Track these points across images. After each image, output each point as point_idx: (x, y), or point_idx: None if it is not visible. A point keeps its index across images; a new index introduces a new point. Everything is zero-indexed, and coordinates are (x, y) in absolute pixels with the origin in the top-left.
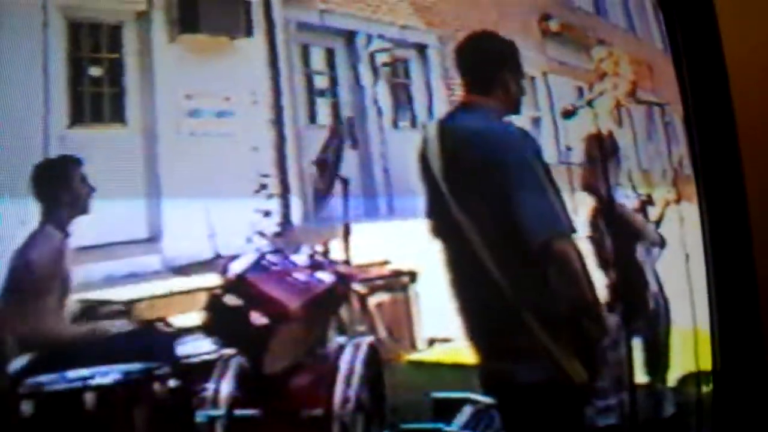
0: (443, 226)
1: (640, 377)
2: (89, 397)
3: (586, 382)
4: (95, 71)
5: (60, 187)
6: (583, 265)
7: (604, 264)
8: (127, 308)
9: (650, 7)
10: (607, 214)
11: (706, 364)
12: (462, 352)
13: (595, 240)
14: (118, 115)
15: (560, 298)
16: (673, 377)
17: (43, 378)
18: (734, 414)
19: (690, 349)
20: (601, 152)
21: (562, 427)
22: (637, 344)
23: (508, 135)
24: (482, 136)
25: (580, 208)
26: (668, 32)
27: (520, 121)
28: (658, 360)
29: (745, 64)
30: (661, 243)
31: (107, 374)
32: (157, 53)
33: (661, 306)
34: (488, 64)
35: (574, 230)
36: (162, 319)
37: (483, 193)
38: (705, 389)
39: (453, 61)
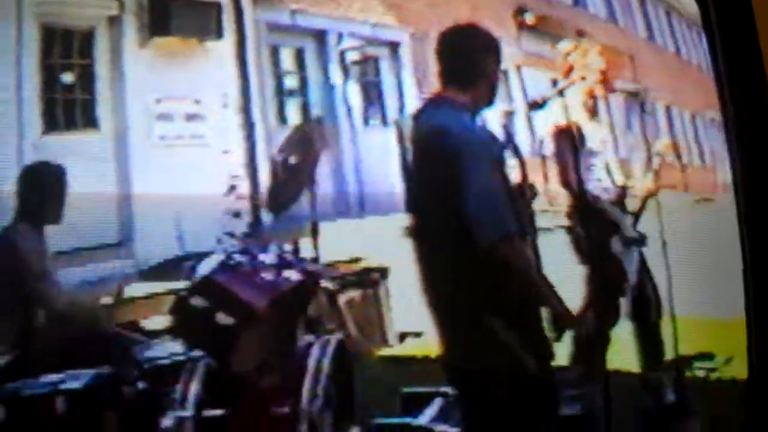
0: (416, 220)
1: (633, 367)
2: (60, 402)
3: (539, 374)
4: (67, 77)
5: (41, 191)
6: (535, 264)
7: (581, 256)
8: (98, 312)
9: None
10: (581, 208)
11: (724, 350)
12: (433, 345)
13: (573, 232)
14: (91, 121)
15: (513, 295)
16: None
17: (15, 384)
18: None
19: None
20: (572, 144)
21: (524, 417)
22: (627, 334)
23: (470, 134)
24: (445, 134)
25: (558, 200)
26: (709, 45)
27: (494, 114)
28: (649, 349)
29: None
30: (640, 240)
31: (77, 378)
32: (128, 58)
33: (650, 297)
34: (471, 57)
35: (524, 232)
36: (131, 323)
37: (441, 191)
38: (711, 375)
39: (434, 50)
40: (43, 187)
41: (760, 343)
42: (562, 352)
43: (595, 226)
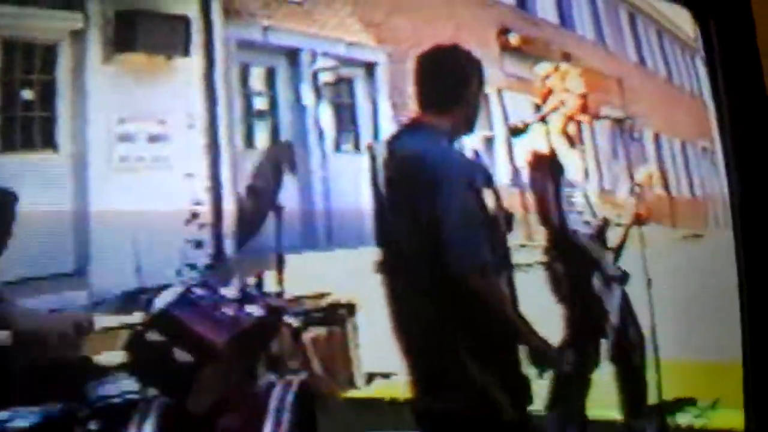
0: (388, 253)
1: (614, 413)
2: None
3: (513, 417)
4: (27, 94)
5: None
6: (511, 299)
7: (558, 294)
8: (49, 346)
9: (625, 18)
10: (560, 243)
11: (709, 395)
12: (401, 387)
13: (551, 268)
14: (49, 141)
15: (488, 331)
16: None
17: None
18: None
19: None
20: (550, 175)
21: None
22: (607, 378)
23: (447, 161)
24: (420, 161)
25: (537, 234)
26: (709, 74)
27: (473, 140)
28: (631, 394)
29: None
30: (621, 278)
31: (26, 417)
32: (91, 74)
33: (633, 339)
34: (449, 81)
35: (499, 265)
36: (84, 357)
37: (416, 221)
38: (696, 422)
39: (412, 73)
40: None
41: (758, 388)
42: (540, 397)
43: (575, 262)
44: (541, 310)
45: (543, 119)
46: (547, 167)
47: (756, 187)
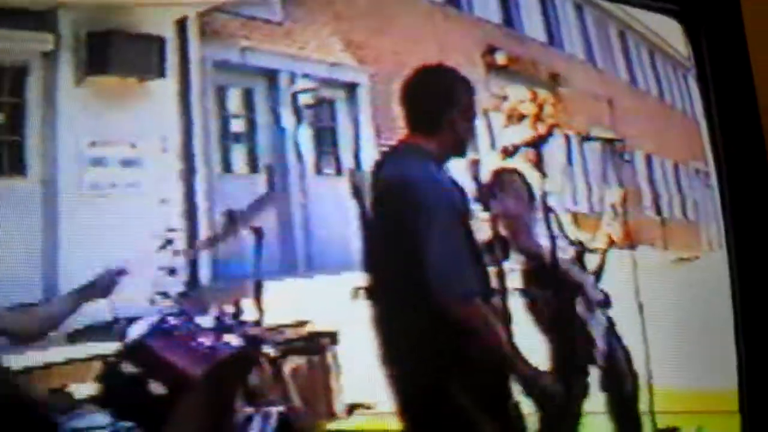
0: (372, 279)
1: None
2: None
3: None
4: None
5: None
6: (505, 328)
7: (541, 324)
8: (17, 377)
9: (616, 36)
10: (539, 271)
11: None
12: (384, 419)
13: (531, 298)
14: (18, 166)
15: (477, 361)
16: None
17: None
18: None
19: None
20: (527, 200)
21: None
22: (597, 407)
23: (433, 185)
24: (405, 185)
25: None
26: (701, 91)
27: (460, 163)
28: (624, 424)
29: None
30: (604, 302)
31: None
32: (61, 97)
33: (622, 365)
34: (435, 102)
35: (487, 293)
36: (54, 390)
37: (401, 247)
38: None
39: (398, 95)
40: None
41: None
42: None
43: (556, 288)
44: (535, 334)
45: (533, 144)
46: (524, 191)
47: (750, 208)
